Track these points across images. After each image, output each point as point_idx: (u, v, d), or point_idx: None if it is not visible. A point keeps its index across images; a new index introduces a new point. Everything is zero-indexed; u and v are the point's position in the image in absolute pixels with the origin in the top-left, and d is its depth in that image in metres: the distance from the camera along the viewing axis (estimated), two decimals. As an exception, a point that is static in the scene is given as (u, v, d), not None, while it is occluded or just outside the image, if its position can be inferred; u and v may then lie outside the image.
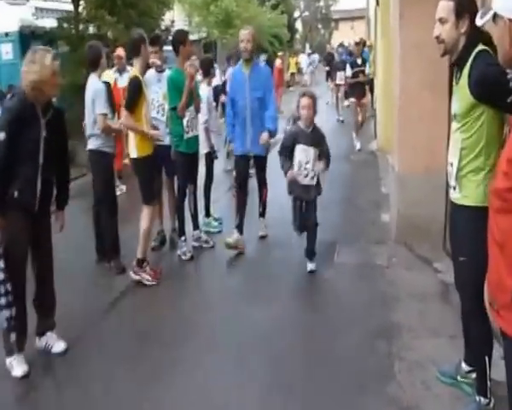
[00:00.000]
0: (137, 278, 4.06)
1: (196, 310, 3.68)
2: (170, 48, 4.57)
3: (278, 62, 14.72)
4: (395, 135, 4.69)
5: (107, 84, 4.87)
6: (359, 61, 9.09)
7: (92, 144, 4.35)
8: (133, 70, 4.09)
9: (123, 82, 5.89)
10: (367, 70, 9.13)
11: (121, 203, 4.71)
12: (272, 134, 4.59)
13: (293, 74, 24.97)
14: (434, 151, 4.30)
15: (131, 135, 4.11)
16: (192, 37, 24.58)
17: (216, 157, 5.34)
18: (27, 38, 10.22)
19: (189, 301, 3.82)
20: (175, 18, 26.38)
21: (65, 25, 10.86)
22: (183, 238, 4.64)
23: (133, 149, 4.05)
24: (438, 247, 4.37)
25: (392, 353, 2.98)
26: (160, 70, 4.72)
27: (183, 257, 4.55)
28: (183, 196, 4.65)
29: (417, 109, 4.27)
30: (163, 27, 13.40)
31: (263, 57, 11.79)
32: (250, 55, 4.59)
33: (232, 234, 4.58)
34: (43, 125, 2.86)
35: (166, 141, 4.61)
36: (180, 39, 4.42)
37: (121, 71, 6.70)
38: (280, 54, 16.29)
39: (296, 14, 36.91)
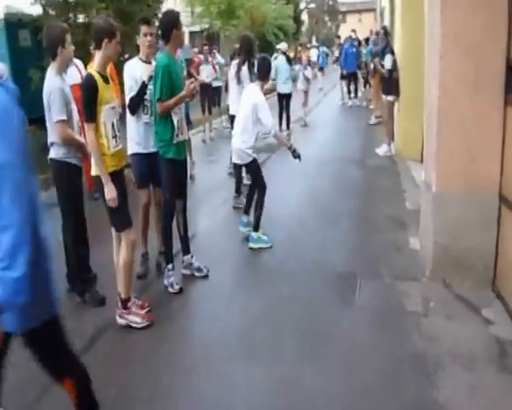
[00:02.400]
0: (124, 322, 3.27)
1: (179, 366, 2.86)
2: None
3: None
4: (430, 143, 3.80)
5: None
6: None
7: (54, 153, 3.53)
8: (91, 66, 3.22)
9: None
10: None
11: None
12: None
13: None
14: (482, 166, 3.43)
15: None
16: (194, 28, 23.94)
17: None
18: (13, 26, 9.62)
19: (173, 354, 2.99)
20: (176, 7, 25.61)
21: (52, 12, 10.02)
22: (170, 266, 3.80)
23: (94, 165, 3.17)
24: (484, 286, 3.52)
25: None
26: (148, 61, 3.82)
27: (171, 289, 3.72)
28: (169, 215, 3.80)
29: (460, 113, 3.38)
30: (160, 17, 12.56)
31: (283, 46, 10.09)
32: None
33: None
34: None
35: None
36: (173, 21, 3.57)
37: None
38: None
39: (302, 5, 35.87)
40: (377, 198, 5.75)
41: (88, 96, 3.00)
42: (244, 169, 6.15)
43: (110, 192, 3.05)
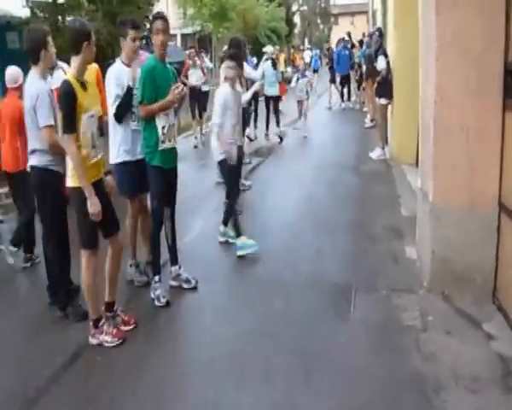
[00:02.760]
0: (96, 341, 3.11)
1: (163, 385, 2.68)
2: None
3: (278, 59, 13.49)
4: (426, 150, 3.66)
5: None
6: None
7: (36, 160, 3.37)
8: (68, 72, 2.99)
9: None
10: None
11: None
12: None
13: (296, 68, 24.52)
14: (481, 174, 3.30)
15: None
16: (186, 30, 23.84)
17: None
18: (2, 29, 9.53)
19: (158, 372, 2.80)
20: (168, 9, 25.44)
21: (40, 14, 9.83)
22: (157, 278, 3.64)
23: (69, 176, 2.96)
24: (485, 299, 3.39)
25: None
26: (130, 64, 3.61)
27: (157, 303, 3.55)
28: (158, 223, 3.63)
29: (459, 120, 3.24)
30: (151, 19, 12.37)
31: (269, 49, 9.98)
32: None
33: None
34: None
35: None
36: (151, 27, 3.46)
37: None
38: (277, 48, 15.06)
39: (294, 7, 35.84)
40: (372, 205, 5.61)
41: (67, 105, 2.80)
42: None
43: (94, 206, 2.86)
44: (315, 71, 18.19)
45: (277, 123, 9.54)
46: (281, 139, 9.51)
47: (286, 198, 5.92)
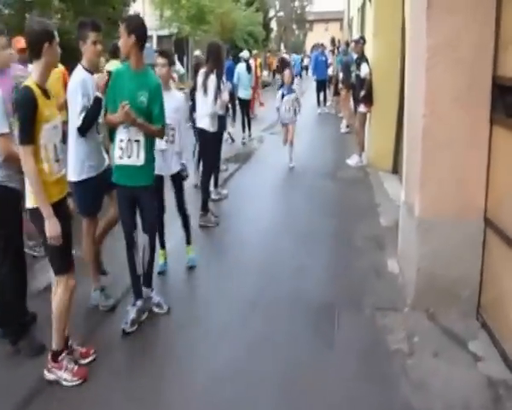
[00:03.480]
0: (52, 377, 2.77)
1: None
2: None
3: (253, 64, 13.32)
4: (412, 164, 3.54)
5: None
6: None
7: None
8: (29, 78, 2.64)
9: None
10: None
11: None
12: None
13: (274, 72, 24.79)
14: (468, 189, 3.20)
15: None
16: (162, 32, 23.39)
17: (187, 176, 4.18)
18: None
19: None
20: (145, 11, 24.97)
21: (5, 11, 9.38)
22: (138, 302, 3.33)
23: (29, 195, 2.63)
24: (469, 315, 3.28)
25: None
26: (93, 71, 3.33)
27: (127, 328, 3.22)
28: (127, 246, 3.29)
29: (447, 131, 3.13)
30: (126, 20, 12.06)
31: (245, 54, 10.35)
32: None
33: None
34: None
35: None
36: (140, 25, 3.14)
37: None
38: (255, 52, 14.95)
39: (271, 13, 35.93)
40: (351, 214, 5.48)
41: (24, 114, 2.48)
42: (212, 183, 5.80)
43: (53, 229, 2.54)
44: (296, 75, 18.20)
45: (248, 126, 9.77)
46: (232, 140, 9.47)
47: (264, 208, 5.73)
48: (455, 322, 3.24)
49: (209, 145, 5.28)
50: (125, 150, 3.14)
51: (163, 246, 4.11)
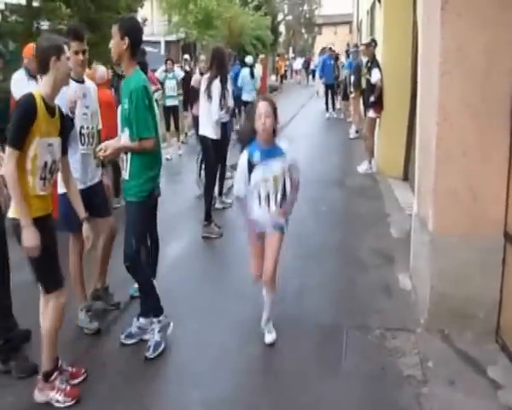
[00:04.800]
0: (43, 399, 2.62)
1: None
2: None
3: (259, 69, 13.19)
4: (425, 176, 3.34)
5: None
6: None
7: None
8: (36, 89, 2.54)
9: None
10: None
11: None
12: None
13: (282, 77, 25.21)
14: (486, 202, 2.99)
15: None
16: (170, 37, 23.47)
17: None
18: None
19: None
20: (153, 17, 25.01)
21: (12, 18, 9.35)
22: (161, 317, 3.09)
23: (13, 207, 2.49)
24: (487, 337, 3.07)
25: None
26: (81, 80, 3.16)
27: (151, 354, 2.98)
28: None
29: (462, 140, 2.93)
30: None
31: (249, 60, 10.54)
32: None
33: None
34: None
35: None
36: (134, 28, 2.95)
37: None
38: (262, 56, 14.83)
39: (280, 17, 35.83)
40: (360, 225, 5.27)
41: (20, 118, 2.39)
42: (216, 192, 5.64)
43: (30, 238, 2.38)
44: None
45: None
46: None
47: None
48: (471, 345, 3.02)
49: (212, 153, 5.12)
50: (123, 163, 3.03)
51: None
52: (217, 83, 4.95)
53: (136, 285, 3.45)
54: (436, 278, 3.08)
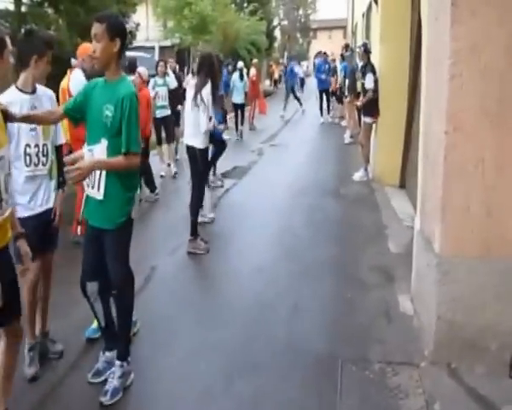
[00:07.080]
0: None
1: None
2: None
3: (252, 73, 12.96)
4: (431, 190, 3.00)
5: None
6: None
7: None
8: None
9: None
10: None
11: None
12: None
13: (275, 81, 25.46)
14: (501, 220, 2.66)
15: None
16: (165, 42, 23.21)
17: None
18: None
19: None
20: (148, 21, 24.70)
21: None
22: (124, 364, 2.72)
23: None
24: (500, 371, 2.73)
25: None
26: (32, 90, 2.74)
27: (108, 400, 2.59)
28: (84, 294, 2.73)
29: (474, 151, 2.60)
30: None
31: (240, 64, 11.58)
32: None
33: None
34: None
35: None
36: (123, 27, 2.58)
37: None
38: (255, 61, 14.62)
39: (275, 21, 35.65)
40: (356, 239, 4.93)
41: None
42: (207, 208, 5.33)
43: None
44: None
45: (241, 122, 11.18)
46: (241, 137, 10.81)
47: (258, 233, 5.13)
48: (483, 381, 2.68)
49: (199, 164, 4.76)
50: (90, 176, 2.52)
51: None
52: (205, 92, 4.59)
53: (94, 325, 3.06)
54: (444, 306, 2.74)
